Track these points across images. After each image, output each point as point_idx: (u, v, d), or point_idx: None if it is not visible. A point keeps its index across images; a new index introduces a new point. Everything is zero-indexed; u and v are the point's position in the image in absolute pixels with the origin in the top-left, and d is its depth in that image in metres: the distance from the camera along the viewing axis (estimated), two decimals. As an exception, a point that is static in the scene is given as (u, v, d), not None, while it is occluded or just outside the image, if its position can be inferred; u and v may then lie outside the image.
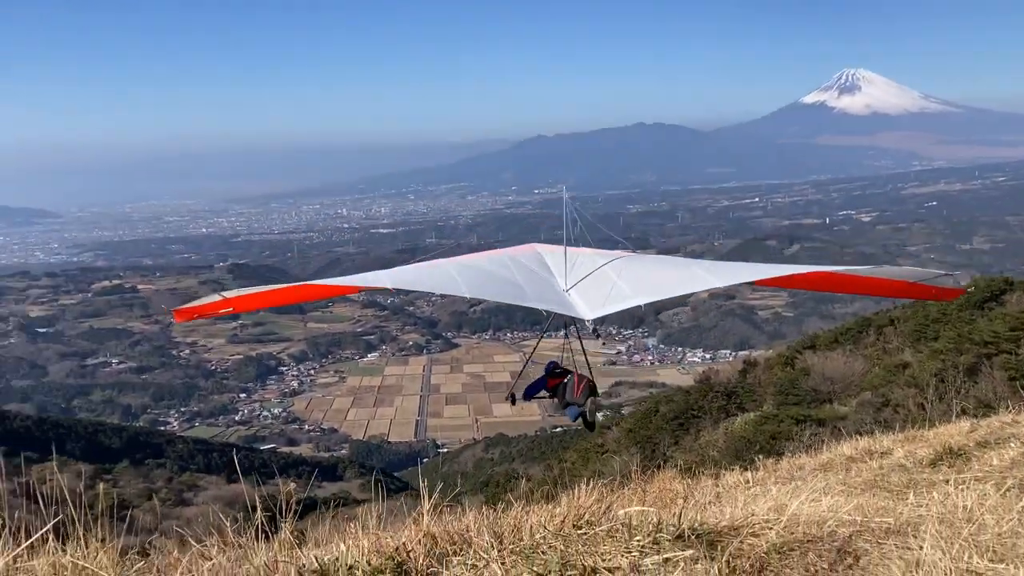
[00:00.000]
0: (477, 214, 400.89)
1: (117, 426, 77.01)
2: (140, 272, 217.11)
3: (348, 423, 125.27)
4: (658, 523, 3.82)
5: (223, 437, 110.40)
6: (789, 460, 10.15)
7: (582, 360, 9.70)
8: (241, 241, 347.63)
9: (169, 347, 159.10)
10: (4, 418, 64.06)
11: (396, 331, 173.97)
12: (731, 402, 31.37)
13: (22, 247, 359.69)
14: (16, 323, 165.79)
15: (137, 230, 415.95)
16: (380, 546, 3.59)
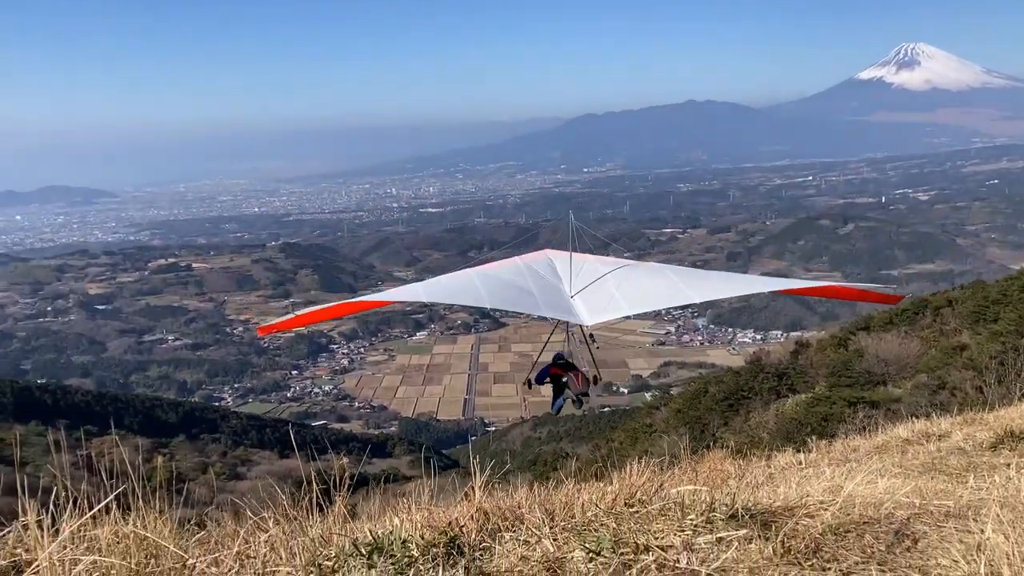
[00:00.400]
0: (525, 193, 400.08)
1: (173, 401, 78.88)
2: (195, 251, 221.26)
3: (397, 401, 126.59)
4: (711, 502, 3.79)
5: (275, 413, 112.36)
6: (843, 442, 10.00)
7: (588, 355, 10.41)
8: (292, 220, 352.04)
9: (223, 324, 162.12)
10: (65, 393, 66.02)
11: (444, 310, 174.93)
12: (782, 383, 31.01)
13: (81, 226, 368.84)
14: (76, 300, 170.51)
15: (192, 209, 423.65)
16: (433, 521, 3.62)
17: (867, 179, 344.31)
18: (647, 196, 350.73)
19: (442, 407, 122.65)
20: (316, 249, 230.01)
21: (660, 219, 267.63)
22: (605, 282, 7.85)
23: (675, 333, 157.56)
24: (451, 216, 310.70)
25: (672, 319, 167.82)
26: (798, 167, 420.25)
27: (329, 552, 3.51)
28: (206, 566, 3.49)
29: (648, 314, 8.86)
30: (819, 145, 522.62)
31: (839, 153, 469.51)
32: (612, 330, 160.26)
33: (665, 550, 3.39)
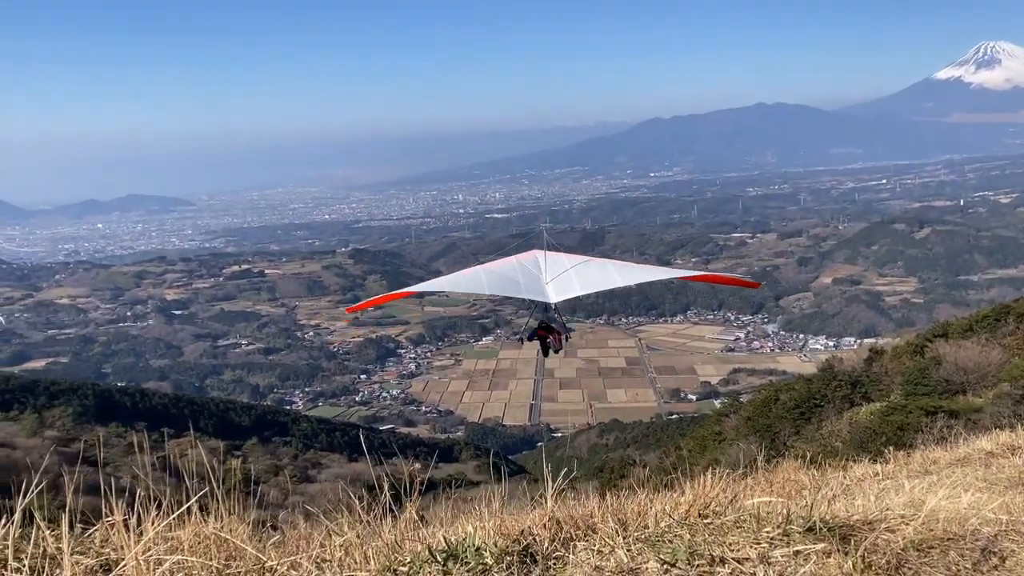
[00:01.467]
0: (591, 198, 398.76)
1: (246, 405, 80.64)
2: (267, 257, 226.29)
3: (463, 405, 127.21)
4: (788, 515, 3.71)
5: (344, 417, 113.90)
6: (922, 453, 9.70)
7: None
8: (361, 227, 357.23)
9: (294, 329, 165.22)
10: (144, 396, 68.06)
11: (510, 315, 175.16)
12: (856, 391, 30.23)
13: (159, 233, 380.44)
14: (154, 305, 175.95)
15: (264, 217, 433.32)
16: (505, 528, 3.63)
17: (944, 182, 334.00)
18: (715, 200, 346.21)
19: (508, 412, 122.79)
20: (384, 255, 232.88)
21: (728, 224, 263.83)
22: (568, 273, 10.89)
23: (744, 339, 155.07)
24: (516, 221, 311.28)
25: (741, 325, 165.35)
26: (871, 170, 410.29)
27: (403, 557, 3.54)
28: (285, 569, 3.56)
29: (598, 293, 10.57)
30: (894, 147, 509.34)
31: (915, 155, 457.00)
32: (680, 336, 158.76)
33: (741, 563, 3.33)
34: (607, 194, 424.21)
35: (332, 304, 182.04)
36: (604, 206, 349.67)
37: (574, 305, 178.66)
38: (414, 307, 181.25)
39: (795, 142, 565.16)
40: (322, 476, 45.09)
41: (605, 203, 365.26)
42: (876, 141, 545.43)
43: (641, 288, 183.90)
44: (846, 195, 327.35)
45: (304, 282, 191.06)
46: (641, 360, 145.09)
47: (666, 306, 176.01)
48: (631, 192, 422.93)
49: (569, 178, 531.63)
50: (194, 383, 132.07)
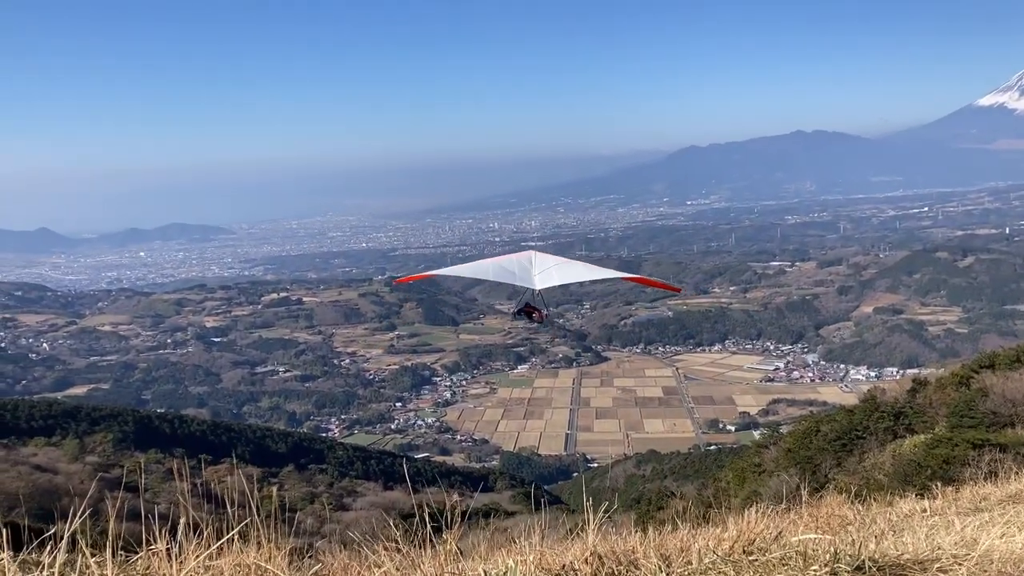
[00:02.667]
0: (627, 226, 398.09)
1: (283, 432, 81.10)
2: (305, 285, 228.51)
3: (499, 434, 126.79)
4: (835, 553, 3.63)
5: (380, 445, 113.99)
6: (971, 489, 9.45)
7: None
8: (398, 255, 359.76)
9: (331, 357, 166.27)
10: (183, 422, 68.82)
11: (546, 343, 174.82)
12: (899, 423, 29.60)
13: (200, 261, 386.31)
14: (194, 332, 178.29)
15: (303, 245, 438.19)
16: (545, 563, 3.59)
17: (989, 209, 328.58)
18: (753, 229, 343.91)
19: (543, 441, 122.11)
20: (420, 283, 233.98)
21: (767, 252, 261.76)
22: (550, 269, 14.02)
23: (784, 369, 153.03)
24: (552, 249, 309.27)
25: (781, 354, 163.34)
26: (913, 198, 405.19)
27: (443, 591, 3.51)
28: (324, 601, 3.55)
29: (573, 284, 13.95)
30: (935, 175, 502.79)
31: (957, 183, 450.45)
32: (718, 365, 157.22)
33: (786, 600, 3.25)
34: (643, 222, 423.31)
35: (369, 332, 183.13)
36: (640, 234, 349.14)
37: (609, 333, 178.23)
38: (449, 335, 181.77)
39: (834, 170, 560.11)
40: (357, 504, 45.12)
41: (641, 231, 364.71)
42: (917, 169, 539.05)
43: (679, 317, 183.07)
44: (887, 223, 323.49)
45: (341, 310, 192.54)
46: (679, 390, 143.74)
47: (704, 335, 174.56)
48: (668, 220, 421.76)
49: (605, 206, 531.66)
50: (232, 410, 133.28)
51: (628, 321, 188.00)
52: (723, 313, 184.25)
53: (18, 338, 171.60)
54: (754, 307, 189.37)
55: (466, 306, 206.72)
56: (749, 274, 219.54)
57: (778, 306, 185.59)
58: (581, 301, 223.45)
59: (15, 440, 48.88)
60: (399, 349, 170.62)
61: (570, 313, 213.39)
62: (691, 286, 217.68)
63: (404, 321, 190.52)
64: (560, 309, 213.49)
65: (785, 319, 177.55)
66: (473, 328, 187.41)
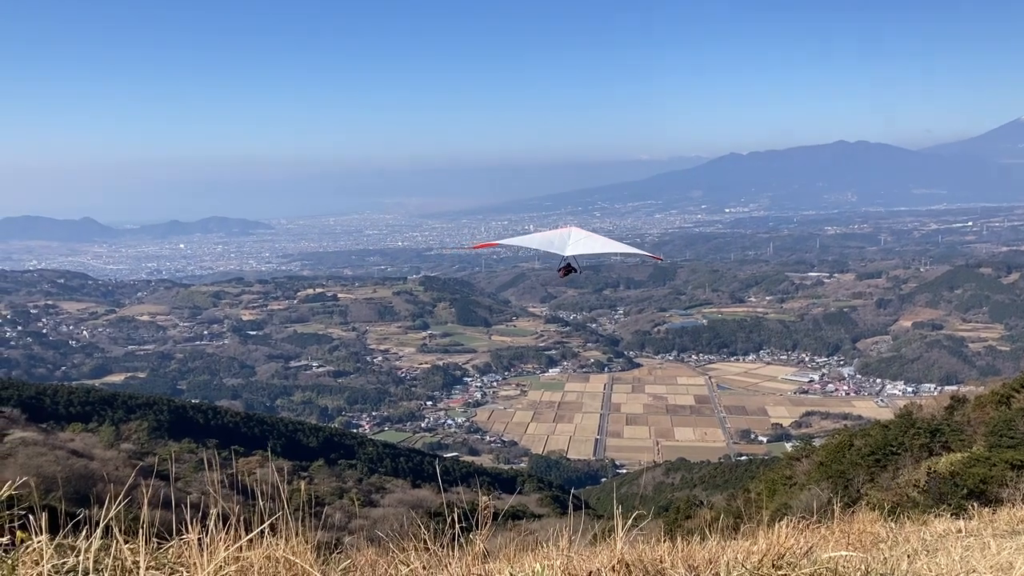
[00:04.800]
0: (664, 232, 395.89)
1: (314, 426, 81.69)
2: (340, 281, 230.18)
3: (528, 437, 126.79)
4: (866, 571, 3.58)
5: (409, 443, 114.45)
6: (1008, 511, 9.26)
7: None
8: (433, 255, 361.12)
9: (364, 353, 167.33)
10: (216, 413, 69.60)
11: (578, 347, 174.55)
12: (935, 440, 29.08)
13: (238, 255, 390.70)
14: (230, 325, 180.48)
15: (339, 242, 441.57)
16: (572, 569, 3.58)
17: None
18: (791, 238, 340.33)
19: (573, 446, 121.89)
20: (454, 283, 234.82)
21: (805, 262, 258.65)
22: (580, 240, 17.62)
23: (819, 381, 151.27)
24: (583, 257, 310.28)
25: (816, 366, 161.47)
26: (956, 212, 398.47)
27: (469, 592, 3.52)
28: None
29: (599, 255, 16.84)
30: (980, 189, 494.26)
31: (1004, 197, 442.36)
32: (752, 375, 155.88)
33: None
34: (681, 228, 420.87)
35: (402, 330, 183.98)
36: (677, 240, 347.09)
37: (642, 340, 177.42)
38: (481, 336, 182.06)
39: (876, 181, 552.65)
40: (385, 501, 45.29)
41: (678, 238, 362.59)
42: (962, 182, 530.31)
43: (714, 326, 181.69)
44: (929, 237, 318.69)
45: (375, 307, 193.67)
46: (711, 398, 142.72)
47: (738, 344, 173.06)
48: (705, 227, 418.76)
49: (642, 211, 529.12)
50: (265, 403, 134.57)
51: (662, 328, 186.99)
52: (758, 323, 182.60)
53: (59, 325, 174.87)
54: (790, 317, 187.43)
55: (499, 308, 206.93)
56: (786, 284, 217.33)
57: (815, 317, 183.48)
58: (615, 306, 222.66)
59: (54, 425, 49.78)
60: (431, 348, 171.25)
61: (603, 318, 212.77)
62: (727, 294, 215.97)
63: (437, 321, 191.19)
64: (593, 314, 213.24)
65: (822, 331, 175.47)
66: (505, 330, 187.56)
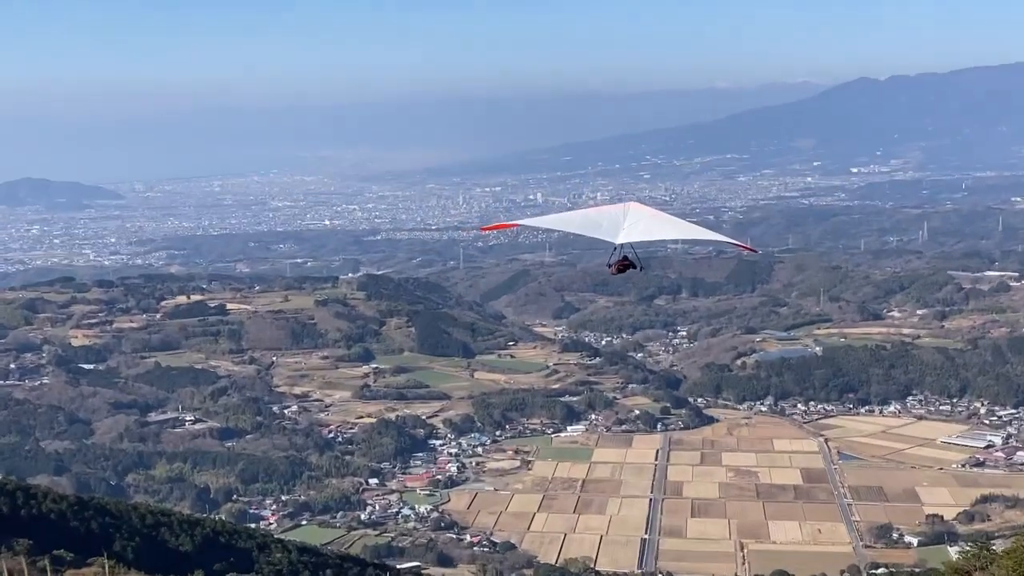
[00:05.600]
0: (752, 206, 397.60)
1: (188, 518, 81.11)
2: (231, 283, 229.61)
3: (533, 536, 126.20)
4: None
5: (343, 545, 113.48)
6: None
7: None
8: (381, 240, 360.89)
9: (269, 400, 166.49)
10: (30, 497, 69.25)
11: (614, 391, 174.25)
12: None
13: (65, 242, 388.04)
14: (52, 354, 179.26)
15: (229, 220, 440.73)
16: None
17: None
18: (958, 216, 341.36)
19: (605, 550, 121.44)
20: (415, 287, 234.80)
21: (979, 254, 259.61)
22: (639, 223, 20.40)
23: (1003, 447, 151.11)
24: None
25: (998, 423, 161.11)
26: None
27: None
28: None
29: (668, 240, 30.17)
30: None
31: None
32: (893, 437, 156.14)
33: None
34: (779, 199, 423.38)
35: (330, 362, 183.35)
36: (774, 218, 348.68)
37: (717, 379, 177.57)
38: (459, 372, 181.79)
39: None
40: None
41: (775, 214, 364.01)
42: None
43: (832, 356, 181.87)
44: None
45: (287, 325, 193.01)
46: (828, 474, 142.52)
47: (871, 387, 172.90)
48: (818, 197, 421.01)
49: (717, 171, 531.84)
50: (109, 480, 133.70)
51: (749, 360, 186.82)
52: (905, 352, 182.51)
53: None
54: (956, 343, 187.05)
55: (487, 326, 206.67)
56: (949, 289, 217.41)
57: (996, 343, 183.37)
58: (673, 324, 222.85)
59: None
60: (378, 392, 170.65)
61: (655, 344, 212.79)
62: (854, 307, 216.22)
63: (387, 347, 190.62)
64: (638, 337, 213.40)
65: (1007, 365, 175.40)
66: (497, 362, 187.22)
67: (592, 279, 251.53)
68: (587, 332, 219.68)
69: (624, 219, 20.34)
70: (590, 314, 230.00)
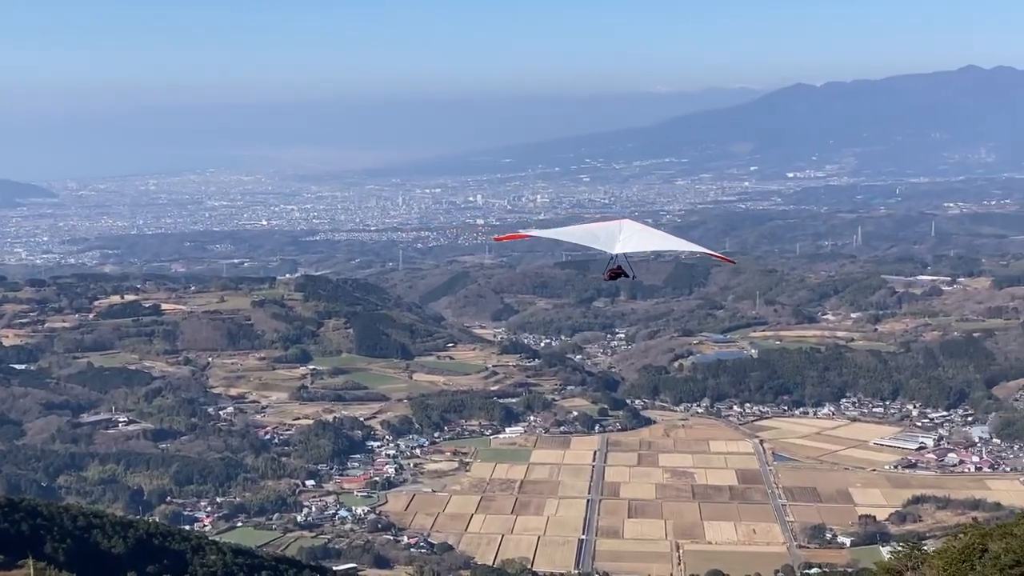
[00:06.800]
0: (689, 210, 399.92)
1: (121, 520, 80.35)
2: (166, 284, 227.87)
3: (471, 537, 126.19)
4: None
5: (279, 546, 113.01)
6: None
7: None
8: (320, 241, 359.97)
9: (204, 401, 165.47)
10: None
11: (553, 393, 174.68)
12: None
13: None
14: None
15: (165, 219, 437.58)
16: None
17: None
18: (892, 221, 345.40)
19: (542, 551, 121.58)
20: (353, 288, 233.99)
21: (912, 258, 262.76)
22: (632, 236, 24.26)
23: (934, 449, 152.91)
24: (567, 243, 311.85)
25: (930, 425, 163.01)
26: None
27: None
28: None
29: (644, 253, 30.87)
30: None
31: None
32: (828, 438, 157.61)
33: None
34: (717, 203, 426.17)
35: (267, 363, 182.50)
36: (710, 222, 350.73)
37: (655, 381, 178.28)
38: (397, 374, 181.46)
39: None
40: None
41: (712, 218, 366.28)
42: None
43: (768, 359, 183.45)
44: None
45: (223, 326, 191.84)
46: (763, 475, 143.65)
47: (806, 389, 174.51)
48: (755, 201, 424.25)
49: (656, 175, 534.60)
50: (40, 481, 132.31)
51: (686, 362, 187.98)
52: (839, 354, 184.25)
53: None
54: (889, 346, 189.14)
55: (426, 328, 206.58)
56: (883, 293, 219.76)
57: (928, 347, 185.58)
58: (612, 327, 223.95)
59: None
60: (315, 394, 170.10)
61: (594, 346, 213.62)
62: (789, 310, 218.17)
63: (325, 348, 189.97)
64: (577, 339, 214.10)
65: (938, 368, 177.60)
66: (436, 364, 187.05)
67: (531, 281, 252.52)
68: (526, 334, 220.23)
69: (620, 233, 24.12)
70: (529, 316, 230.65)
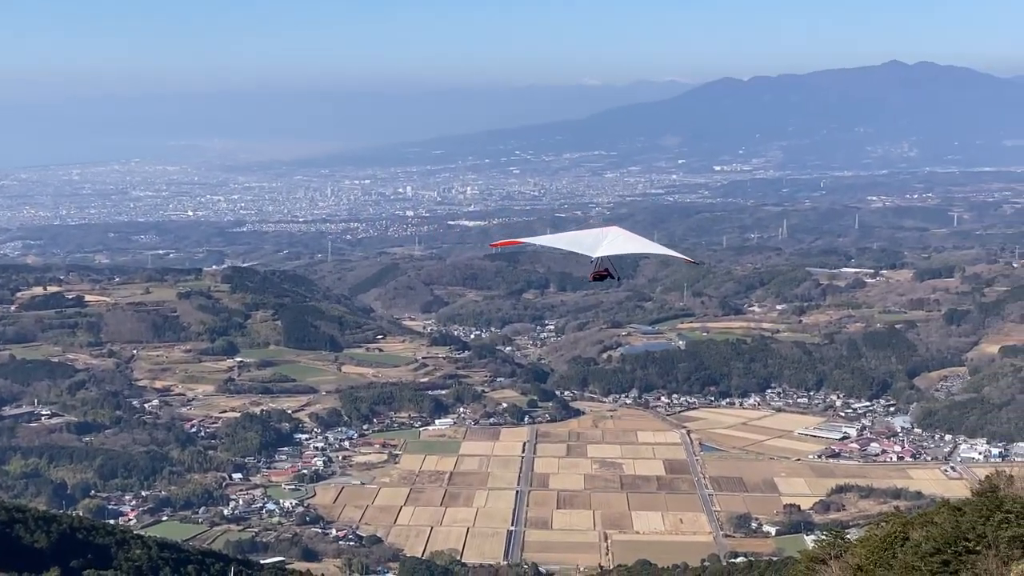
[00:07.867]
0: (618, 202, 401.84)
1: (44, 515, 79.44)
2: (90, 275, 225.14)
3: (400, 530, 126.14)
4: None
5: (205, 540, 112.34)
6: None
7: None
8: (247, 232, 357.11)
9: (129, 394, 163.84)
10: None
11: (482, 385, 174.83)
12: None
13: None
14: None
15: (89, 209, 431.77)
16: None
17: None
18: (817, 214, 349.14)
19: (471, 543, 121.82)
20: (281, 280, 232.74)
21: (837, 251, 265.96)
22: (615, 240, 27.53)
23: (857, 439, 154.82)
24: (498, 234, 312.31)
25: (853, 415, 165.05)
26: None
27: None
28: None
29: (624, 256, 31.41)
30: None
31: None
32: (754, 429, 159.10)
33: None
34: (645, 196, 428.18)
35: (193, 355, 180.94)
36: (639, 215, 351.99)
37: (584, 372, 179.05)
38: (326, 366, 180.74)
39: (948, 125, 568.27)
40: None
41: (640, 210, 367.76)
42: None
43: (695, 350, 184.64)
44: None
45: (148, 318, 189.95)
46: (690, 466, 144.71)
47: (732, 380, 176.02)
48: (683, 194, 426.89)
49: (585, 167, 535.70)
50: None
51: (614, 354, 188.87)
52: (764, 346, 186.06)
53: None
54: (814, 338, 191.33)
55: (355, 320, 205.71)
56: (808, 285, 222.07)
57: (851, 338, 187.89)
58: (541, 318, 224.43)
59: None
60: (242, 386, 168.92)
61: (523, 337, 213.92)
62: (716, 302, 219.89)
63: (252, 341, 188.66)
64: (507, 331, 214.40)
65: (861, 359, 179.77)
66: (366, 356, 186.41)
67: (461, 273, 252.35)
68: (456, 326, 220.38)
69: (604, 239, 27.07)
70: (459, 308, 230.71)
